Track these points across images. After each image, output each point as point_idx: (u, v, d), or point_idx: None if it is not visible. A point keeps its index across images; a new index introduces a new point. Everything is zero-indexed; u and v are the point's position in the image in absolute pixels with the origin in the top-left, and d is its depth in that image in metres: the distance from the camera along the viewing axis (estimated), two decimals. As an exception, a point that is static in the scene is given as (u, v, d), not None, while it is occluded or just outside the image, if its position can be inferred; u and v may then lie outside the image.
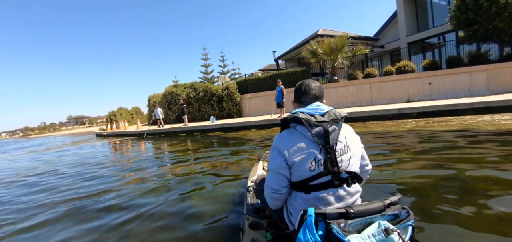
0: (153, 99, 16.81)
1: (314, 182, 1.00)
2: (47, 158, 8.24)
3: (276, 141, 1.10)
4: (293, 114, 1.05)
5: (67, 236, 2.17)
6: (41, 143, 19.30)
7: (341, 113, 1.08)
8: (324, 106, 1.10)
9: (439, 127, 5.38)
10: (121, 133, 15.24)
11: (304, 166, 1.00)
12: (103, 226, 2.26)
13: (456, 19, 9.27)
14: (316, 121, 1.02)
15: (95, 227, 2.26)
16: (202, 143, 7.50)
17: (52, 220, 2.55)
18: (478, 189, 2.16)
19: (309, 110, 1.07)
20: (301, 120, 1.01)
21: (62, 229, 2.30)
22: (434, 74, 9.15)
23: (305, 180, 1.01)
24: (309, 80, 1.19)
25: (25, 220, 2.62)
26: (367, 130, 6.26)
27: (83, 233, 2.19)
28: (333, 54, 10.90)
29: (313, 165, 1.00)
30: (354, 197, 1.06)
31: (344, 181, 1.02)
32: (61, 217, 2.60)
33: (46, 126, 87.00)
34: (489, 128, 4.63)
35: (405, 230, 0.81)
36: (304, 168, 1.00)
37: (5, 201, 3.46)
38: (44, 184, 4.22)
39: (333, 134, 1.02)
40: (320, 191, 1.00)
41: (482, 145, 3.52)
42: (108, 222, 2.33)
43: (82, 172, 4.92)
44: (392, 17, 16.06)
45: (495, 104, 6.21)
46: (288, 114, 1.08)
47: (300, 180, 1.02)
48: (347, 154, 1.05)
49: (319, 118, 1.03)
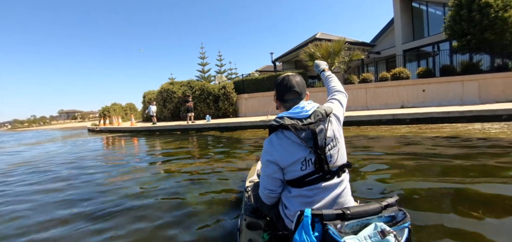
0: (148, 96, 16.63)
1: (307, 179, 1.04)
2: (36, 153, 8.03)
3: (266, 146, 1.10)
4: (279, 121, 1.04)
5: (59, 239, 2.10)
6: (32, 136, 18.82)
7: (327, 110, 1.07)
8: (308, 105, 1.09)
9: (431, 133, 5.48)
10: (114, 129, 15.00)
11: (296, 167, 1.04)
12: (93, 227, 2.20)
13: (451, 30, 9.50)
14: (303, 124, 1.02)
15: (84, 229, 2.19)
16: (197, 142, 7.44)
17: (36, 223, 2.46)
18: (470, 194, 2.20)
19: (294, 115, 1.06)
20: (287, 126, 1.01)
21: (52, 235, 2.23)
22: (428, 82, 9.34)
23: (298, 178, 1.05)
24: (290, 75, 1.16)
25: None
26: (361, 133, 6.32)
27: (73, 234, 2.13)
28: (330, 58, 11.00)
29: (303, 165, 1.03)
30: (344, 184, 1.10)
31: (335, 173, 1.06)
32: (51, 220, 2.52)
33: (36, 119, 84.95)
34: (480, 136, 4.74)
35: (401, 232, 0.81)
36: (295, 169, 1.04)
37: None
38: (30, 181, 4.10)
39: (321, 134, 1.03)
40: (313, 184, 1.04)
41: (473, 152, 3.60)
42: (99, 223, 2.26)
43: (71, 169, 4.80)
44: (388, 25, 16.34)
45: (486, 113, 6.37)
46: (273, 120, 1.07)
47: (293, 178, 1.06)
48: (336, 147, 1.08)
49: (305, 121, 1.03)
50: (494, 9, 8.14)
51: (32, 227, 2.23)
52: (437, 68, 11.25)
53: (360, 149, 4.54)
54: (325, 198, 1.04)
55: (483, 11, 8.31)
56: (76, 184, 3.61)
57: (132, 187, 3.23)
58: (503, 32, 8.33)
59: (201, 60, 26.18)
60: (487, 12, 8.21)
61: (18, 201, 3.01)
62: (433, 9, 13.82)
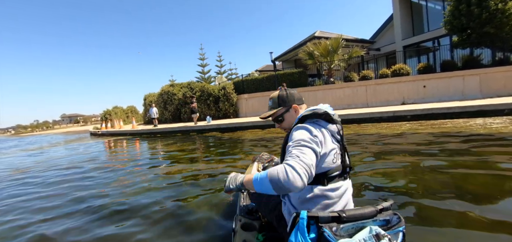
0: (149, 99, 16.69)
1: (331, 175, 1.05)
2: (38, 158, 8.09)
3: (308, 127, 1.01)
4: (314, 110, 1.08)
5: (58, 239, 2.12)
6: (34, 141, 18.95)
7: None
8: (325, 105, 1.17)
9: (432, 129, 5.45)
10: (116, 132, 15.07)
11: (329, 157, 1.04)
12: (91, 228, 2.22)
13: (450, 24, 9.45)
14: (333, 117, 1.09)
15: (83, 229, 2.21)
16: (198, 143, 7.46)
17: (38, 222, 2.49)
18: (471, 191, 2.19)
19: (324, 108, 1.11)
20: (324, 114, 1.07)
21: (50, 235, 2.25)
22: (429, 78, 9.30)
23: (326, 172, 1.04)
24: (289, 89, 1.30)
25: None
26: (362, 131, 6.31)
27: (72, 234, 2.15)
28: (329, 56, 10.98)
29: (335, 158, 1.06)
30: (351, 188, 1.16)
31: (348, 174, 1.12)
32: (50, 219, 2.54)
33: (39, 124, 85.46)
34: (481, 131, 4.71)
35: (396, 236, 0.82)
36: (329, 159, 1.03)
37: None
38: (33, 184, 4.13)
39: (342, 131, 1.13)
40: (335, 182, 1.05)
41: (476, 148, 3.58)
42: (96, 224, 2.28)
43: (72, 172, 4.84)
44: (388, 21, 16.27)
45: (487, 108, 6.33)
46: (308, 110, 1.11)
47: (322, 172, 1.03)
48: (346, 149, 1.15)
49: (334, 117, 1.10)
50: (494, 2, 8.08)
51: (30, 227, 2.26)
52: (438, 63, 11.20)
53: (361, 146, 4.53)
54: (341, 200, 1.06)
55: (482, 4, 8.25)
56: (76, 186, 3.64)
57: (129, 188, 3.26)
58: (502, 25, 8.28)
59: (201, 61, 26.25)
60: (487, 6, 8.16)
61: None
62: (433, 4, 13.74)
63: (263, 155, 2.22)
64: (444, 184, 2.42)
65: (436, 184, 2.44)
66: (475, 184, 2.36)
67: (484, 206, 1.90)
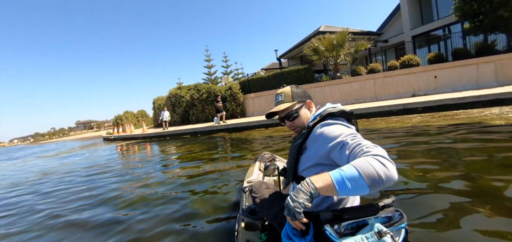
0: (158, 102, 17.02)
1: None
2: (54, 164, 8.44)
3: (339, 122, 0.99)
4: (338, 107, 1.07)
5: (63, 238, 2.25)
6: (54, 148, 19.77)
7: None
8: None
9: (444, 121, 5.28)
10: (127, 137, 15.48)
11: None
12: (98, 228, 2.33)
13: (461, 10, 9.05)
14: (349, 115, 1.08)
15: (90, 229, 2.33)
16: (206, 144, 7.55)
17: (49, 226, 2.61)
18: (485, 188, 2.12)
19: (341, 107, 1.09)
20: (349, 114, 1.06)
21: (59, 235, 2.37)
22: (440, 67, 8.97)
23: None
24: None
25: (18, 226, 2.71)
26: (371, 126, 6.19)
27: (79, 233, 2.26)
28: (335, 51, 10.80)
29: None
30: None
31: None
32: (60, 223, 2.66)
33: (56, 131, 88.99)
34: (498, 122, 4.52)
35: (398, 232, 0.81)
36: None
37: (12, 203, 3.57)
38: (45, 191, 4.33)
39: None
40: None
41: (491, 141, 3.45)
42: (104, 224, 2.39)
43: (85, 177, 5.02)
44: (395, 11, 15.80)
45: (504, 96, 6.05)
46: (331, 107, 1.08)
47: None
48: None
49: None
50: None
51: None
52: (449, 52, 10.78)
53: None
54: (351, 198, 1.04)
55: (493, -13, 7.85)
56: (78, 188, 3.81)
57: (138, 189, 3.38)
58: (517, 7, 7.84)
59: (207, 62, 26.45)
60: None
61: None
62: (442, -10, 13.22)
63: (264, 154, 2.24)
64: (452, 178, 2.33)
65: (444, 179, 2.36)
66: (488, 178, 2.27)
67: (497, 203, 1.83)
